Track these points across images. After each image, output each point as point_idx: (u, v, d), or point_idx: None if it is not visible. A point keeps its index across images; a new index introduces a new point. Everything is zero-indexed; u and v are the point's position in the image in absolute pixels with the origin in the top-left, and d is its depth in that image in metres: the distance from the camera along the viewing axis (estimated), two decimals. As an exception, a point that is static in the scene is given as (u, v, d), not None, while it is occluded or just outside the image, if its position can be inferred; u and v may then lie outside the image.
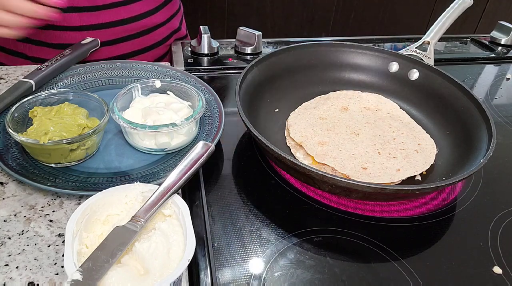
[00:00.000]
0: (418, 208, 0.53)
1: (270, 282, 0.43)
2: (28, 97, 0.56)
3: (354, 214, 0.52)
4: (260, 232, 0.48)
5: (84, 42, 0.73)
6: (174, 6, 0.89)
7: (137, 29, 0.81)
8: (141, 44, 0.84)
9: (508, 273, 0.46)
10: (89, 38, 0.74)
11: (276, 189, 0.54)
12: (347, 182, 0.46)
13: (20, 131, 0.53)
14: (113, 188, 0.43)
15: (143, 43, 0.84)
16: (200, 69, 0.79)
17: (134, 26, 0.81)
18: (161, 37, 0.87)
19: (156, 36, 0.85)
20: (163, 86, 0.62)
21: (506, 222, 0.52)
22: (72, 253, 0.36)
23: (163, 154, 0.57)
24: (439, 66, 0.69)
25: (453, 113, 0.64)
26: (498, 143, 0.54)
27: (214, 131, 0.60)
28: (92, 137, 0.53)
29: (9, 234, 0.46)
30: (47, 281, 0.41)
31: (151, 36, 0.84)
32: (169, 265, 0.37)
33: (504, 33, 0.97)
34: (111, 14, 0.77)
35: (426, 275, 0.45)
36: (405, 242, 0.49)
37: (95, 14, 0.76)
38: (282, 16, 1.90)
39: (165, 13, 0.86)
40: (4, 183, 0.52)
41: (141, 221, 0.40)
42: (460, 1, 0.77)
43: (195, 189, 0.53)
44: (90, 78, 0.69)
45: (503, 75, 0.87)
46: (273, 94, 0.68)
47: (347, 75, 0.74)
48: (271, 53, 0.68)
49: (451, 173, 0.55)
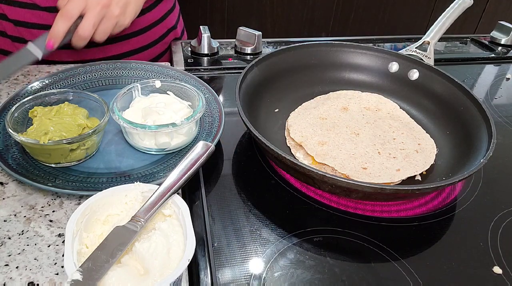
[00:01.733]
0: (418, 208, 0.53)
1: (270, 282, 0.43)
2: (28, 97, 0.56)
3: (354, 214, 0.52)
4: (260, 232, 0.48)
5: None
6: (169, 3, 0.89)
7: (134, 28, 0.81)
8: (138, 43, 0.84)
9: (508, 273, 0.46)
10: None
11: (276, 189, 0.54)
12: (347, 182, 0.46)
13: (20, 131, 0.53)
14: (113, 188, 0.43)
15: (140, 42, 0.84)
16: (200, 69, 0.79)
17: (131, 25, 0.81)
18: (158, 36, 0.86)
19: (153, 35, 0.85)
20: (163, 86, 0.62)
21: (506, 222, 0.52)
22: (72, 253, 0.36)
23: (163, 154, 0.57)
24: (439, 66, 0.70)
25: (453, 113, 0.64)
26: (498, 142, 0.54)
27: (214, 131, 0.60)
28: (92, 137, 0.53)
29: (9, 234, 0.46)
30: (47, 281, 0.42)
31: (148, 35, 0.84)
32: (169, 265, 0.37)
33: (504, 33, 0.97)
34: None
35: (426, 275, 0.45)
36: (405, 242, 0.49)
37: None
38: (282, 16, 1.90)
39: (160, 10, 0.85)
40: (4, 183, 0.52)
41: (141, 221, 0.40)
42: (460, 1, 0.77)
43: (195, 189, 0.53)
44: (90, 78, 0.69)
45: (503, 75, 0.87)
46: (273, 94, 0.68)
47: (347, 75, 0.74)
48: (271, 53, 0.68)
49: (451, 173, 0.55)
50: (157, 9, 0.84)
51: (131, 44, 0.83)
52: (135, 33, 0.82)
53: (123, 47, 0.82)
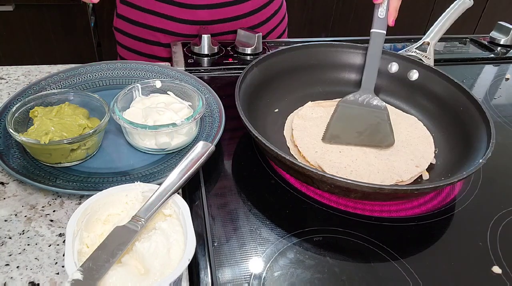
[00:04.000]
0: (418, 207, 0.53)
1: (270, 281, 0.43)
2: (29, 98, 0.56)
3: (354, 214, 0.52)
4: (260, 232, 0.48)
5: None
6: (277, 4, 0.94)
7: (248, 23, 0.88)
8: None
9: (507, 272, 0.46)
10: None
11: (276, 189, 0.55)
12: (346, 181, 0.46)
13: (21, 131, 0.53)
14: (114, 187, 0.43)
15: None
16: (200, 69, 0.80)
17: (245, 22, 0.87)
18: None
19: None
20: (164, 86, 0.62)
21: (505, 221, 0.52)
22: (73, 252, 0.37)
23: (163, 153, 0.57)
24: (439, 66, 0.70)
25: (453, 113, 0.64)
26: (497, 142, 0.54)
27: (214, 131, 0.60)
28: (92, 137, 0.53)
29: (9, 233, 0.46)
30: (48, 280, 0.42)
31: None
32: (169, 264, 0.37)
33: (503, 33, 0.97)
34: (234, 10, 0.85)
35: (425, 274, 0.45)
36: (405, 242, 0.49)
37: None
38: (282, 16, 1.89)
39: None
40: (5, 183, 0.52)
41: (141, 220, 0.40)
42: (460, 2, 0.77)
43: (195, 188, 0.54)
44: (91, 79, 0.69)
45: (503, 75, 0.87)
46: (273, 94, 0.68)
47: (347, 75, 0.74)
48: (271, 53, 0.68)
49: (450, 173, 0.55)
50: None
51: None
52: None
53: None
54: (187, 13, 0.83)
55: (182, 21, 0.84)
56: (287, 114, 0.67)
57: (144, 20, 0.85)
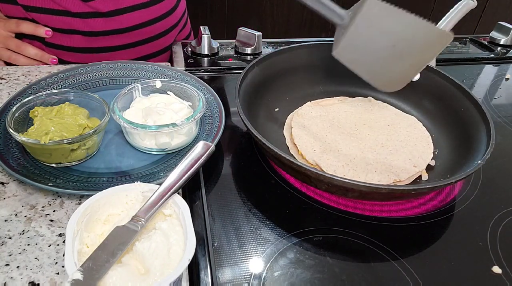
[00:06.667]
0: (418, 207, 0.53)
1: (270, 281, 0.43)
2: (28, 98, 0.56)
3: (354, 214, 0.52)
4: (260, 232, 0.48)
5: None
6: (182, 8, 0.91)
7: (153, 31, 0.84)
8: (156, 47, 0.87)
9: (507, 272, 0.46)
10: None
11: (276, 189, 0.55)
12: (343, 180, 0.46)
13: (21, 131, 0.53)
14: (114, 187, 0.43)
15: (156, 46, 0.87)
16: (200, 69, 0.80)
17: (151, 29, 0.84)
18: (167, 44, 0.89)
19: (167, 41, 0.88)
20: (164, 86, 0.62)
21: (505, 221, 0.52)
22: (73, 252, 0.37)
23: (163, 153, 0.57)
24: (439, 66, 0.70)
25: (453, 113, 0.64)
26: (497, 142, 0.54)
27: (214, 131, 0.60)
28: (92, 137, 0.53)
29: (9, 233, 0.46)
30: (48, 280, 0.42)
31: (166, 39, 0.87)
32: (169, 264, 0.37)
33: (503, 33, 0.97)
34: (133, 18, 0.80)
35: (425, 274, 0.45)
36: (405, 242, 0.49)
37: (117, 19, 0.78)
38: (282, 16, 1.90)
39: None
40: (5, 183, 0.52)
41: (141, 220, 0.40)
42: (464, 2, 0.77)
43: (195, 189, 0.54)
44: (91, 79, 0.69)
45: (503, 75, 0.87)
46: (273, 94, 0.68)
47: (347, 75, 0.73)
48: (271, 53, 0.68)
49: (450, 174, 0.55)
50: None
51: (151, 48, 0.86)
52: (156, 37, 0.85)
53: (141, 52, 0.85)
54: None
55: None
56: (287, 114, 0.67)
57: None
